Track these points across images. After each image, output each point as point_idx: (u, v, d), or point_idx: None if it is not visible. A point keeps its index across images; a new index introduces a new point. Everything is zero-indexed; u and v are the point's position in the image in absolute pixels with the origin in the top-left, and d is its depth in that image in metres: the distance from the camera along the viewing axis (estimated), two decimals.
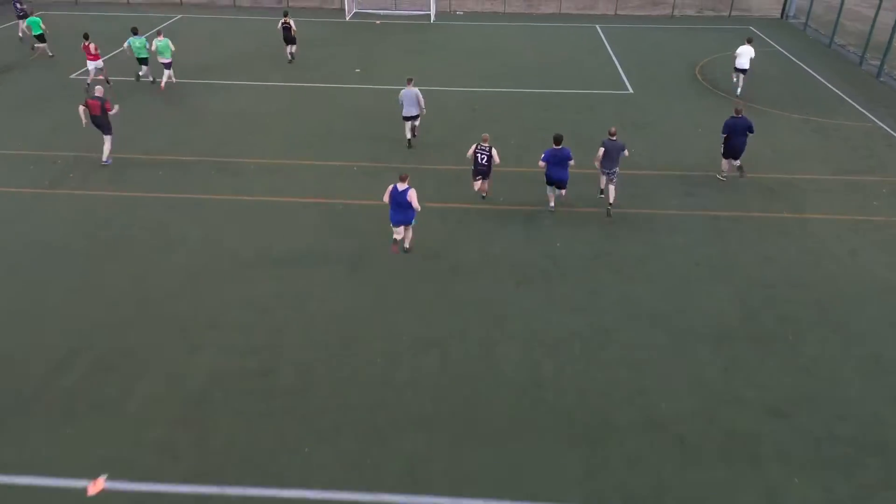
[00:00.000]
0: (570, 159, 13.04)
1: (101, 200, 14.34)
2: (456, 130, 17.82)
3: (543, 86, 21.39)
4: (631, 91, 21.10)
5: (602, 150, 13.51)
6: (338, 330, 10.65)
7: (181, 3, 31.40)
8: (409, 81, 16.34)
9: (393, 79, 21.56)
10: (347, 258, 12.43)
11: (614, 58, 24.35)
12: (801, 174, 15.84)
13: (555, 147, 12.97)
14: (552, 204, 13.96)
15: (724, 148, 14.98)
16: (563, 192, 13.81)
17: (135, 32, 20.35)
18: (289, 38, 23.00)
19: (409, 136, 16.77)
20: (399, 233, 12.11)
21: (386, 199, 11.63)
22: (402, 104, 16.20)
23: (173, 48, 20.15)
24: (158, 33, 21.13)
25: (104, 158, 15.72)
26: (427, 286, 11.72)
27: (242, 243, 12.87)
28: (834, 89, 21.45)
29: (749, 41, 20.16)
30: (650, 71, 22.90)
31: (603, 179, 14.00)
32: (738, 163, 15.10)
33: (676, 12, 30.57)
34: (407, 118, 16.47)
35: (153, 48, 19.91)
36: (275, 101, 20.04)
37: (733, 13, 30.35)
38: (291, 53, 23.30)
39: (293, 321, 10.82)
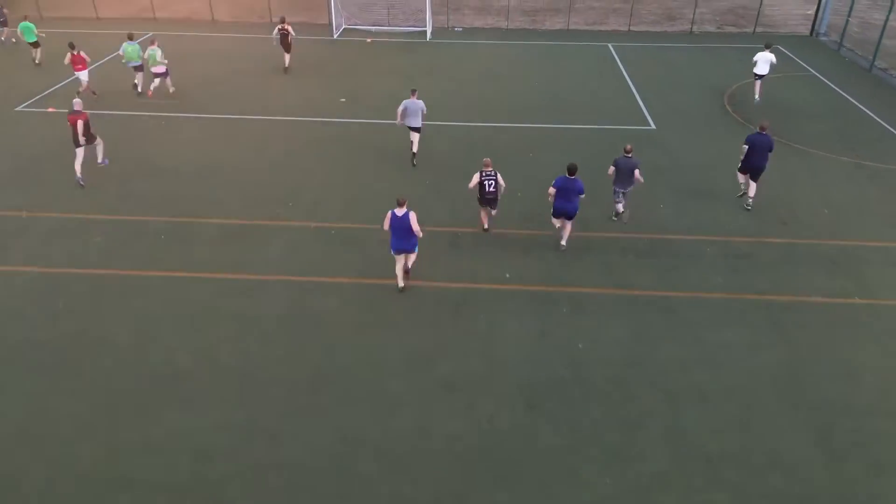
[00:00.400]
0: (582, 192, 12.00)
1: (13, 281, 11.78)
2: (453, 176, 15.24)
3: (553, 119, 18.81)
4: (653, 126, 18.51)
5: (613, 168, 12.92)
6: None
7: (154, 18, 28.83)
8: (413, 93, 15.49)
9: (381, 110, 19.03)
10: (307, 383, 9.83)
11: (631, 84, 21.77)
12: (864, 239, 13.26)
13: (567, 176, 11.92)
14: (564, 242, 12.66)
15: (742, 163, 14.02)
16: (570, 223, 12.49)
17: (130, 38, 19.52)
18: (284, 46, 21.95)
19: (414, 150, 15.99)
20: (401, 261, 11.34)
21: (386, 226, 10.89)
22: (406, 115, 15.37)
23: (162, 59, 19.14)
24: (151, 41, 19.50)
25: (99, 160, 15.48)
26: (409, 410, 9.17)
27: (180, 349, 10.31)
28: (884, 124, 18.85)
29: (768, 47, 19.50)
30: (672, 100, 20.32)
31: (619, 206, 13.35)
32: (754, 186, 14.04)
33: (695, 28, 27.98)
34: (412, 129, 15.67)
35: (145, 56, 19.16)
36: (246, 137, 17.47)
37: (758, 29, 27.74)
38: (285, 65, 22.40)
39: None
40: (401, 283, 11.41)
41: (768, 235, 13.36)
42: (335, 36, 26.71)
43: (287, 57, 22.39)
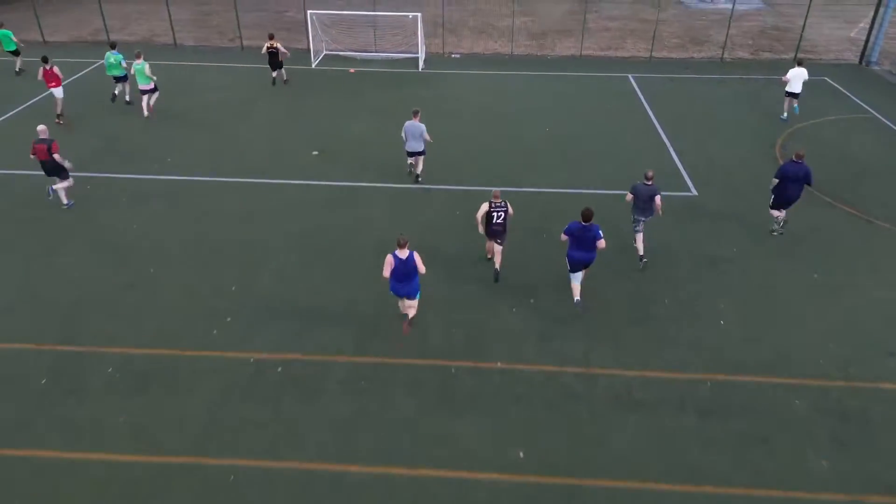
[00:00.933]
0: (600, 238, 10.40)
1: None
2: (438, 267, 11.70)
3: (570, 181, 15.24)
4: (694, 193, 14.95)
5: (631, 195, 11.77)
6: None
7: (111, 44, 25.25)
8: (416, 114, 14.40)
9: (360, 168, 15.54)
10: None
11: (659, 128, 18.21)
12: None
13: (582, 223, 10.32)
14: (578, 297, 10.84)
15: (774, 198, 12.73)
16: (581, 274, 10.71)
17: (112, 47, 18.82)
18: (275, 64, 20.80)
19: (410, 162, 15.13)
20: (404, 307, 10.37)
21: (387, 272, 9.71)
22: (406, 138, 14.44)
23: (150, 75, 17.99)
24: (137, 55, 18.02)
25: (64, 202, 13.79)
26: None
27: None
28: None
29: (800, 63, 18.13)
30: (713, 151, 16.75)
31: (638, 238, 12.04)
32: (784, 212, 12.87)
33: (727, 55, 24.41)
34: (411, 153, 14.75)
35: (131, 71, 18.17)
36: (186, 209, 13.90)
37: (798, 55, 24.17)
38: (283, 79, 21.29)
39: None
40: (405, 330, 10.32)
41: (881, 378, 9.77)
42: (314, 64, 23.15)
43: (275, 74, 21.03)
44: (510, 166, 15.89)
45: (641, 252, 12.01)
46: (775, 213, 12.85)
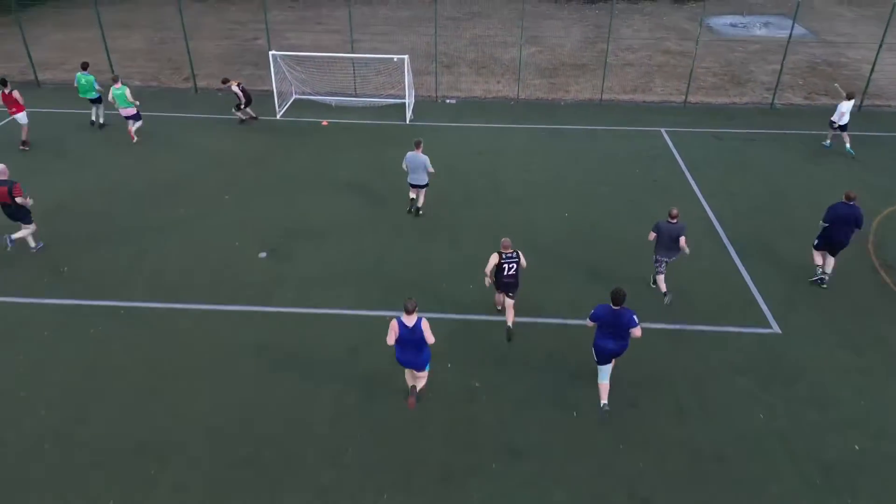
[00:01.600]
0: (636, 325, 8.57)
1: None
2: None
3: (598, 296, 11.12)
4: (776, 329, 10.84)
5: (654, 234, 10.93)
6: None
7: (37, 83, 21.20)
8: (418, 146, 13.27)
9: (326, 280, 11.44)
10: None
11: (713, 217, 14.05)
12: None
13: (612, 307, 8.59)
14: (605, 400, 9.00)
15: (819, 240, 11.62)
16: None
17: (84, 67, 17.36)
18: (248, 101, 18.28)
19: (412, 196, 13.86)
20: (411, 379, 9.10)
21: (391, 340, 8.47)
22: (408, 170, 13.44)
23: (132, 100, 16.66)
24: (115, 80, 16.63)
25: (32, 246, 12.42)
26: None
27: None
28: None
29: (850, 97, 16.30)
30: (791, 257, 12.54)
31: (660, 279, 11.18)
32: (832, 261, 11.66)
33: (777, 101, 20.32)
34: (414, 186, 13.63)
35: (110, 97, 16.75)
36: (101, 348, 9.85)
37: (865, 101, 20.06)
38: (240, 118, 18.57)
39: None
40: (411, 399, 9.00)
41: None
42: (279, 114, 19.07)
43: (240, 114, 18.37)
44: (527, 290, 11.79)
45: (664, 289, 11.11)
46: (818, 257, 11.77)
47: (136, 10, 29.44)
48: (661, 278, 11.22)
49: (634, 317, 8.58)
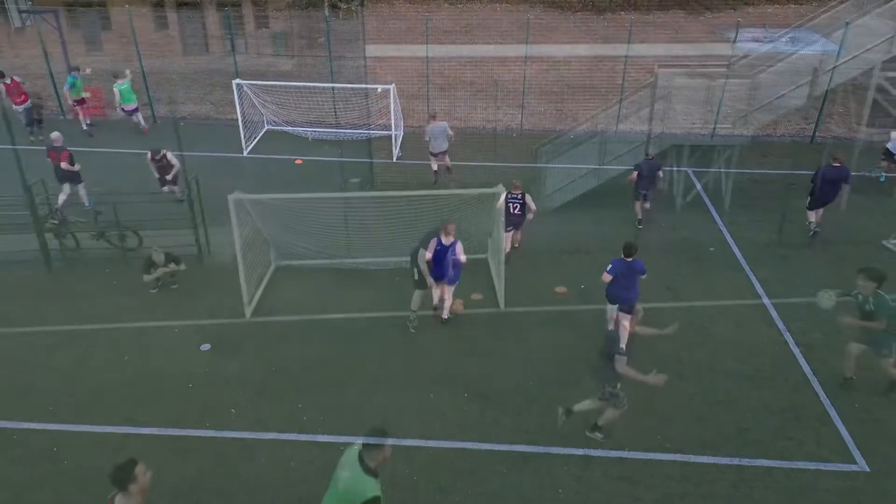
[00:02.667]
0: (644, 273, 9.75)
1: None
2: None
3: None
4: (864, 467, 8.35)
5: (636, 173, 13.08)
6: None
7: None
8: (434, 117, 14.42)
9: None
10: None
11: (771, 310, 11.63)
12: None
13: (625, 259, 9.59)
14: (612, 327, 8.75)
15: (810, 199, 12.68)
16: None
17: (76, 70, 17.34)
18: (164, 180, 14.02)
19: (435, 168, 14.67)
20: (437, 294, 10.33)
21: (429, 255, 9.86)
22: (431, 140, 14.41)
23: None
24: (115, 76, 16.66)
25: (86, 203, 13.21)
26: None
27: None
28: None
29: None
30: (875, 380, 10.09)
31: (637, 204, 13.35)
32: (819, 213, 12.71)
33: (818, 134, 17.78)
34: (435, 154, 14.58)
35: (116, 99, 16.77)
36: None
37: None
38: (177, 196, 13.88)
39: None
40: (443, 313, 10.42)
41: None
42: (246, 150, 16.54)
43: (166, 188, 14.03)
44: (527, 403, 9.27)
45: (640, 216, 13.23)
46: (811, 215, 12.78)
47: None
48: (637, 205, 13.29)
49: (643, 266, 9.69)
